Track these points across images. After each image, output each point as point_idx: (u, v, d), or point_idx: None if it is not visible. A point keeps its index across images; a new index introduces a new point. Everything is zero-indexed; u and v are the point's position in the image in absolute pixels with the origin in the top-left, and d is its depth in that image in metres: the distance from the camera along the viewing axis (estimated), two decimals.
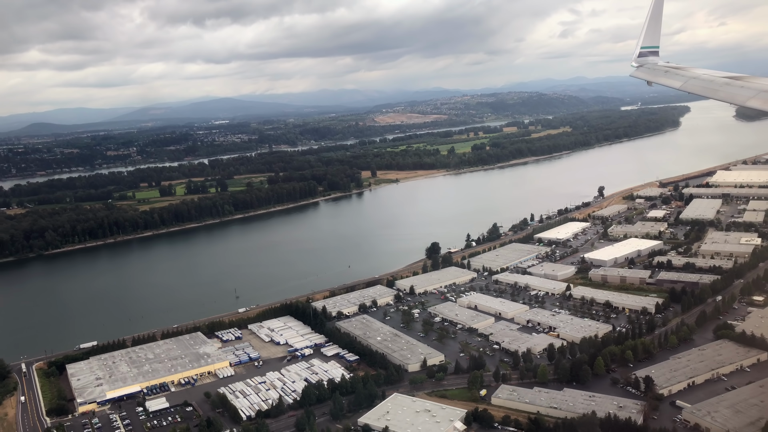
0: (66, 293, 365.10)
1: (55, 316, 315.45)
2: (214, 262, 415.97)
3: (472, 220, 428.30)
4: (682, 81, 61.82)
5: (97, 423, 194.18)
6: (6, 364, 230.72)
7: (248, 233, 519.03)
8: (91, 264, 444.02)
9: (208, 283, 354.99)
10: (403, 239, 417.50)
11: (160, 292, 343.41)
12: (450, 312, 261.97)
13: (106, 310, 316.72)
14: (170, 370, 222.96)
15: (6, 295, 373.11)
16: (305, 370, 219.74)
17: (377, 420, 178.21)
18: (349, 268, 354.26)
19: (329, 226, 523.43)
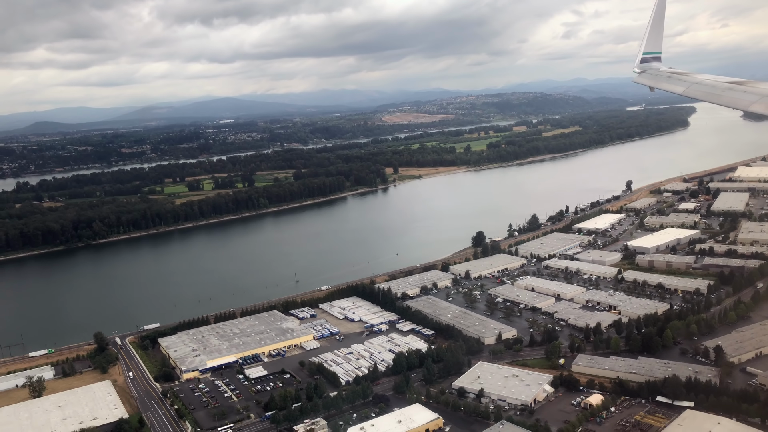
0: (125, 279, 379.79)
1: (122, 299, 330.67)
2: (263, 250, 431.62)
3: (505, 213, 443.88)
4: (684, 86, 62.19)
5: (204, 388, 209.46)
6: (105, 337, 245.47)
7: (286, 224, 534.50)
8: (138, 252, 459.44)
9: (263, 269, 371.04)
10: (440, 230, 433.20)
11: (219, 278, 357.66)
12: (510, 293, 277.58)
13: (170, 293, 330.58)
14: (260, 342, 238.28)
15: (70, 279, 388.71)
16: (387, 342, 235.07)
17: (470, 384, 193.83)
18: (396, 255, 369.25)
19: (364, 218, 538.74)
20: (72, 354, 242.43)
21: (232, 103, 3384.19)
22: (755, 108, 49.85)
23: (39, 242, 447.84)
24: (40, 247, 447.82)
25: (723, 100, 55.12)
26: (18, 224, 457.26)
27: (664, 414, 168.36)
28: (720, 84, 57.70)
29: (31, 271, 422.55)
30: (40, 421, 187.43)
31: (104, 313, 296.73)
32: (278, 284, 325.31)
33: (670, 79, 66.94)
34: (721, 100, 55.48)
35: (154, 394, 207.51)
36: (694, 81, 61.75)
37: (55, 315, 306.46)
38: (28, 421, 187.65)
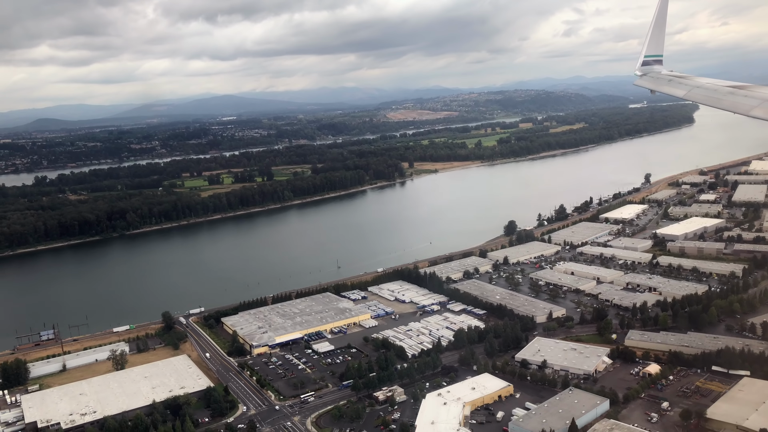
0: (169, 265, 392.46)
1: (172, 284, 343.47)
2: (297, 239, 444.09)
3: (527, 205, 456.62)
4: (685, 90, 62.40)
5: (276, 361, 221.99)
6: (172, 316, 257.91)
7: (312, 216, 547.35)
8: (173, 242, 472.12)
9: (301, 257, 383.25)
10: (467, 221, 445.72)
11: (261, 265, 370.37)
12: (552, 277, 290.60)
13: (218, 279, 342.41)
14: (321, 321, 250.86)
15: (118, 266, 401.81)
16: (443, 321, 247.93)
17: (532, 356, 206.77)
18: (430, 244, 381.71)
19: (389, 210, 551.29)
20: (141, 332, 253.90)
21: (233, 101, 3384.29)
22: (756, 113, 49.83)
23: (76, 232, 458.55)
24: (76, 237, 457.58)
25: (724, 104, 54.87)
26: (55, 215, 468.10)
27: (722, 381, 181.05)
28: (721, 88, 57.75)
29: (75, 259, 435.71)
30: (132, 390, 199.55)
31: (159, 296, 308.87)
32: (321, 270, 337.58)
33: (671, 82, 67.21)
34: (722, 105, 55.22)
35: (230, 367, 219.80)
36: (695, 85, 62.15)
37: (113, 298, 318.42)
38: (120, 389, 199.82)
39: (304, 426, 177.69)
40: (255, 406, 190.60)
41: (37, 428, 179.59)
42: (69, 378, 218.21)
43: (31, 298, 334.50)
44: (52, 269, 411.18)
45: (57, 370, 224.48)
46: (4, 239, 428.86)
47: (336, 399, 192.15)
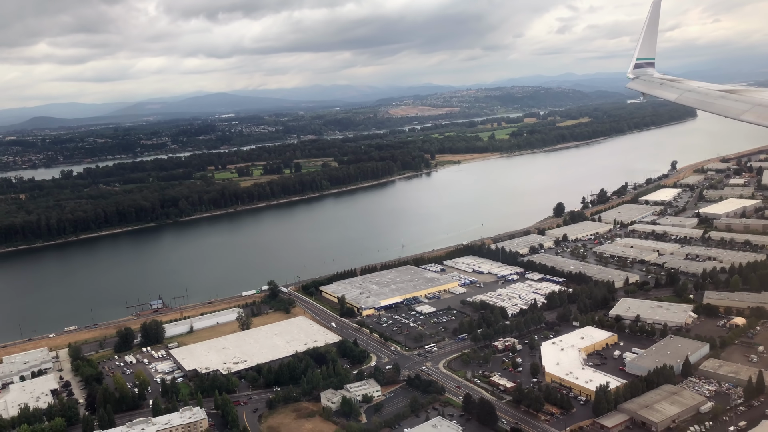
0: (239, 246, 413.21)
1: (255, 261, 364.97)
2: (348, 223, 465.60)
3: (563, 190, 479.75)
4: (677, 93, 62.23)
5: (387, 321, 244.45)
6: (277, 285, 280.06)
7: (353, 202, 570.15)
8: (228, 227, 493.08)
9: (362, 237, 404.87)
10: (509, 205, 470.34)
11: (326, 244, 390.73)
12: (615, 250, 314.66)
13: (295, 256, 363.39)
14: (415, 288, 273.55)
15: (190, 248, 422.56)
16: (527, 287, 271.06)
17: (624, 312, 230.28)
18: (482, 225, 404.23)
19: (425, 197, 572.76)
20: (249, 300, 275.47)
21: (226, 99, 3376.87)
22: (747, 117, 49.32)
23: (132, 219, 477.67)
24: (133, 224, 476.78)
25: (715, 108, 54.85)
26: (111, 203, 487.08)
27: None
28: (712, 92, 57.99)
29: (143, 242, 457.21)
30: (268, 344, 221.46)
31: (245, 271, 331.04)
32: (387, 248, 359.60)
33: (663, 85, 67.58)
34: (713, 108, 55.24)
35: (348, 326, 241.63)
36: (687, 88, 62.27)
37: (201, 273, 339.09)
38: (258, 344, 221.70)
39: (437, 369, 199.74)
40: (385, 356, 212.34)
41: (198, 374, 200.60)
42: (197, 338, 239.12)
43: (120, 275, 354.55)
44: (127, 251, 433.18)
45: (186, 331, 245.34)
46: (69, 225, 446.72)
47: (456, 349, 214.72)
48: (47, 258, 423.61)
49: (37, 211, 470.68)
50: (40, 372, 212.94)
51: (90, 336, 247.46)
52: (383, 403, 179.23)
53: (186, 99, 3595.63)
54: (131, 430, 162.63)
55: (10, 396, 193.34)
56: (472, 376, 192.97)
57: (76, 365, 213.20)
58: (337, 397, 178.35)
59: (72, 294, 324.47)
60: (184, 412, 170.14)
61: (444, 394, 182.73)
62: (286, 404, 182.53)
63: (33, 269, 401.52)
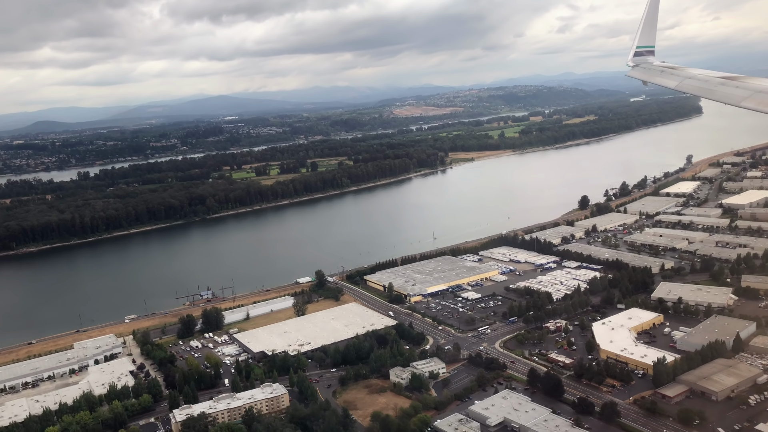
0: (275, 240, 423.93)
1: (293, 253, 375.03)
2: (376, 218, 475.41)
3: (581, 184, 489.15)
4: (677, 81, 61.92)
5: (435, 306, 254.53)
6: (324, 274, 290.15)
7: (373, 199, 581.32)
8: (257, 223, 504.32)
9: (392, 231, 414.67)
10: (532, 199, 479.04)
11: (358, 237, 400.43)
12: (645, 239, 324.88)
13: (331, 248, 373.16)
14: (457, 276, 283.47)
15: (222, 244, 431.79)
16: (566, 274, 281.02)
17: (666, 294, 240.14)
18: (509, 219, 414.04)
19: (446, 192, 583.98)
20: (298, 289, 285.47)
21: (227, 101, 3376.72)
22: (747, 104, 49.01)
23: (162, 217, 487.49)
24: (162, 221, 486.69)
25: (715, 95, 54.29)
26: (140, 201, 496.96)
27: None
28: (713, 79, 57.37)
29: (174, 239, 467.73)
30: (328, 328, 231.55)
31: (286, 262, 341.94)
32: (420, 241, 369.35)
33: (663, 73, 67.13)
34: (713, 95, 54.65)
35: (399, 311, 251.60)
36: (687, 75, 61.81)
37: (242, 266, 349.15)
38: (317, 328, 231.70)
39: (494, 349, 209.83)
40: (441, 338, 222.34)
41: (266, 355, 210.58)
42: (254, 324, 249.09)
43: (161, 269, 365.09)
44: (162, 247, 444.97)
45: (242, 318, 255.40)
46: (101, 223, 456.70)
47: (508, 331, 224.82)
48: (84, 254, 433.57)
49: (69, 210, 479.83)
50: (112, 356, 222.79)
51: (150, 324, 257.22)
52: (449, 379, 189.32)
53: (187, 102, 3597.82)
54: (219, 404, 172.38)
55: (91, 377, 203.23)
56: (530, 354, 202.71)
57: (146, 349, 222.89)
58: (405, 374, 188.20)
59: (119, 287, 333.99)
60: (264, 388, 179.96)
61: (506, 371, 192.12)
62: (356, 381, 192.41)
63: (74, 265, 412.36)
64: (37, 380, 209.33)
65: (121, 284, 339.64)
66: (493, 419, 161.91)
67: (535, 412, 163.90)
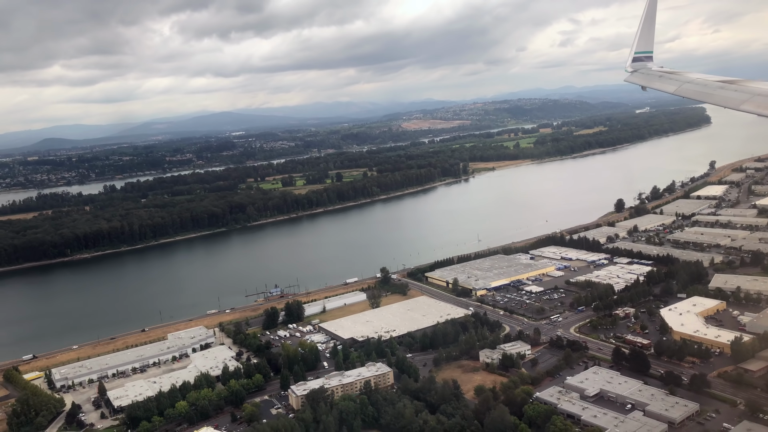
0: (322, 245, 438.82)
1: (345, 255, 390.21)
2: (412, 223, 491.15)
3: (609, 190, 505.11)
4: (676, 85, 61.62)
5: (501, 299, 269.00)
6: (388, 271, 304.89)
7: (404, 207, 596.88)
8: (296, 230, 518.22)
9: (435, 234, 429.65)
10: (564, 204, 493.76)
11: (403, 240, 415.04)
12: (688, 237, 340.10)
13: (382, 250, 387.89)
14: (516, 272, 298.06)
15: (269, 248, 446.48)
16: (620, 269, 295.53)
17: (724, 284, 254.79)
18: (546, 222, 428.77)
19: (474, 200, 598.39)
20: (366, 284, 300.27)
21: (231, 117, 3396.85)
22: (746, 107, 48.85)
23: (205, 224, 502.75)
24: (205, 229, 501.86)
25: (714, 99, 53.75)
26: (183, 210, 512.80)
27: None
28: (711, 83, 56.96)
29: (219, 245, 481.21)
30: (407, 317, 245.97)
31: (339, 264, 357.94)
32: (465, 242, 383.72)
33: (662, 78, 66.94)
34: (712, 99, 54.04)
35: (469, 303, 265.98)
36: (685, 80, 61.31)
37: (301, 267, 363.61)
38: (396, 318, 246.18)
39: (570, 333, 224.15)
40: (518, 325, 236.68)
41: (356, 341, 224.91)
42: (331, 316, 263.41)
43: (222, 271, 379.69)
44: (211, 251, 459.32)
45: (320, 311, 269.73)
46: (149, 230, 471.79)
47: (579, 319, 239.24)
48: (136, 260, 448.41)
49: (115, 218, 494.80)
50: (206, 345, 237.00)
51: (231, 318, 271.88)
52: (536, 359, 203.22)
53: (191, 118, 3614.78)
54: (331, 381, 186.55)
55: (197, 362, 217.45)
56: (606, 338, 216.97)
57: (239, 339, 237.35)
58: (495, 354, 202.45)
59: (184, 287, 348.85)
60: (369, 367, 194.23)
61: (588, 351, 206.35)
62: (448, 362, 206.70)
63: (130, 269, 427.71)
64: (144, 366, 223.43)
65: (185, 285, 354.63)
66: (590, 390, 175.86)
67: (628, 384, 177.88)
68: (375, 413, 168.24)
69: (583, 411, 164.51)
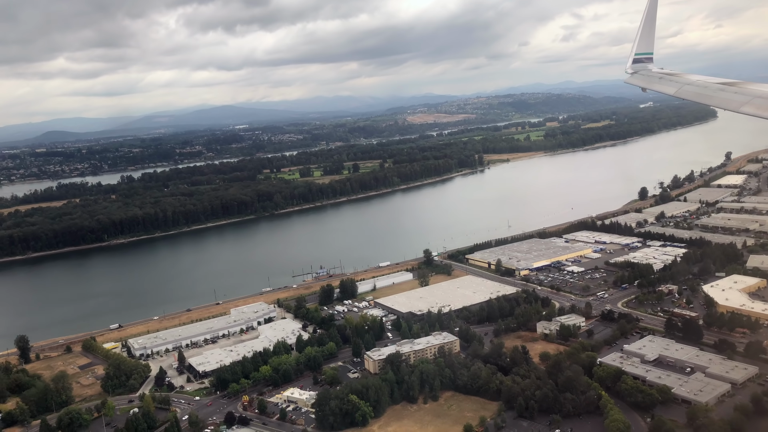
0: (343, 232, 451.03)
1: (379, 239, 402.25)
2: (438, 211, 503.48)
3: (628, 180, 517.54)
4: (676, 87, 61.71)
5: (544, 278, 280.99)
6: (431, 252, 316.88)
7: (426, 196, 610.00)
8: (322, 217, 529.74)
9: (460, 221, 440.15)
10: (585, 194, 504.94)
11: (435, 226, 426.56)
12: (716, 222, 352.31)
13: (417, 235, 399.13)
14: (555, 253, 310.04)
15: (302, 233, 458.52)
16: (655, 251, 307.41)
17: (760, 264, 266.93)
18: (572, 209, 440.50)
19: (495, 189, 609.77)
20: (408, 266, 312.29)
21: (232, 111, 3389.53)
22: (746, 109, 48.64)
23: (234, 212, 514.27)
24: (234, 216, 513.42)
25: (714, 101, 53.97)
26: (214, 197, 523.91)
27: None
28: (711, 85, 56.82)
29: (251, 231, 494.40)
30: (458, 294, 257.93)
31: (374, 247, 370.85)
32: (496, 228, 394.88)
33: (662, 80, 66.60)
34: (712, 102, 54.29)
35: (515, 282, 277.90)
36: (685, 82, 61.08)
37: (336, 250, 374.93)
38: (447, 294, 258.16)
39: (618, 308, 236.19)
40: (566, 301, 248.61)
41: (414, 315, 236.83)
42: (382, 294, 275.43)
43: (258, 254, 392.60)
44: (248, 237, 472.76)
45: (370, 288, 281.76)
46: (181, 217, 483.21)
47: (624, 295, 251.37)
48: (172, 245, 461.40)
49: (146, 206, 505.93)
50: (270, 319, 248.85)
51: (287, 295, 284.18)
52: (592, 330, 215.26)
53: (192, 112, 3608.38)
54: (402, 348, 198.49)
55: (267, 332, 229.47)
56: (653, 311, 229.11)
57: (300, 313, 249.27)
58: (552, 326, 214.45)
59: (231, 270, 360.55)
60: (436, 336, 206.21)
61: (639, 323, 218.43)
62: (507, 333, 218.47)
63: (165, 254, 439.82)
64: (214, 337, 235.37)
65: (230, 268, 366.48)
66: (650, 355, 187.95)
67: (684, 350, 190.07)
68: (452, 375, 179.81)
69: (647, 373, 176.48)
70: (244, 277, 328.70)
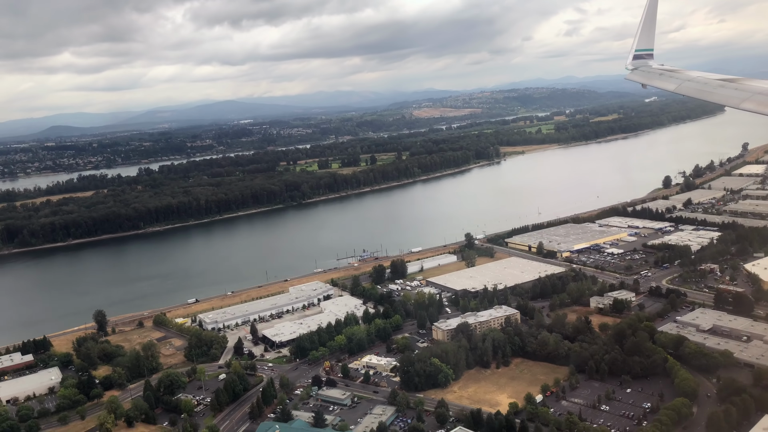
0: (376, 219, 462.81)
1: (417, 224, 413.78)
2: (463, 200, 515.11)
3: (646, 170, 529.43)
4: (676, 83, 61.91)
5: (585, 260, 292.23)
6: (472, 236, 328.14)
7: (448, 186, 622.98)
8: (348, 206, 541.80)
9: (489, 209, 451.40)
10: (608, 182, 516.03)
11: (466, 213, 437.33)
12: (745, 208, 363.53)
13: (452, 222, 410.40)
14: (592, 237, 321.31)
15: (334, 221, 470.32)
16: (687, 234, 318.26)
17: None
18: (597, 198, 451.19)
19: (517, 180, 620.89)
20: (450, 249, 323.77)
21: (234, 106, 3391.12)
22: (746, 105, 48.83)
23: (264, 201, 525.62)
24: (264, 205, 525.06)
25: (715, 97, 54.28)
26: (245, 187, 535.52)
27: None
28: (711, 81, 57.03)
29: (282, 219, 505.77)
30: (506, 273, 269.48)
31: (411, 232, 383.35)
32: (527, 215, 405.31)
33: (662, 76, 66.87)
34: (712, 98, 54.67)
35: (558, 263, 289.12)
36: (686, 78, 61.51)
37: (373, 235, 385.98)
38: (496, 274, 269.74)
39: (663, 285, 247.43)
40: (611, 279, 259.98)
41: (468, 292, 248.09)
42: (430, 274, 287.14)
43: (304, 240, 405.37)
44: (281, 224, 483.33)
45: (418, 269, 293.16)
46: (214, 206, 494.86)
47: (666, 274, 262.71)
48: (205, 232, 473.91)
49: (179, 195, 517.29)
50: (329, 296, 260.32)
51: (338, 275, 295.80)
52: (643, 304, 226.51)
53: (195, 107, 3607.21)
54: (467, 319, 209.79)
55: (331, 307, 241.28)
56: (697, 288, 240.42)
57: (358, 290, 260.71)
58: (605, 300, 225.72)
59: (275, 254, 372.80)
60: (497, 309, 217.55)
61: (687, 298, 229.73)
62: (561, 308, 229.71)
63: (203, 240, 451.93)
64: (279, 313, 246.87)
65: (274, 252, 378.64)
66: (704, 325, 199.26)
67: (738, 321, 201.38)
68: (520, 342, 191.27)
69: (705, 340, 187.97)
70: (290, 260, 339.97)
